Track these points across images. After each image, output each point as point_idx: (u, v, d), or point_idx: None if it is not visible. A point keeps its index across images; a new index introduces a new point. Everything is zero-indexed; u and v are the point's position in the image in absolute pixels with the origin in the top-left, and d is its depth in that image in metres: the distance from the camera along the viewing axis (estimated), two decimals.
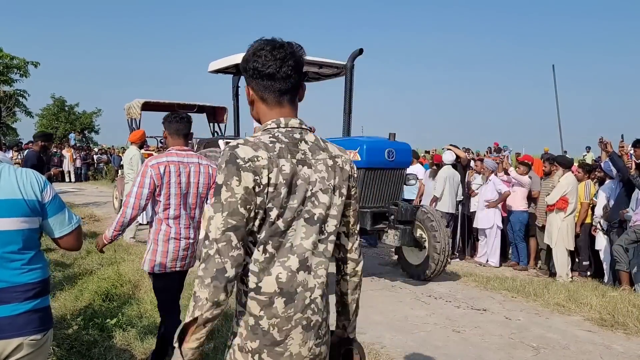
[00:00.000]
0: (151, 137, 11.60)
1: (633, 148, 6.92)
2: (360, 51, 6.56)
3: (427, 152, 15.89)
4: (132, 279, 5.59)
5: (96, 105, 64.03)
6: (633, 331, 4.71)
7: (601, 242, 6.98)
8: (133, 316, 4.56)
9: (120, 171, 12.13)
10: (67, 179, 23.20)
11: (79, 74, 78.41)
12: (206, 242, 1.41)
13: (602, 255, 6.99)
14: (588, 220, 7.25)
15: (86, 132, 33.60)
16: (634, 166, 6.42)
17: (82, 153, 25.07)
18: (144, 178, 3.09)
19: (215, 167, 3.31)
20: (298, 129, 1.56)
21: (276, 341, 1.47)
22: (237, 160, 1.43)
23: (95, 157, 25.63)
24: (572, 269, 7.30)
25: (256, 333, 1.48)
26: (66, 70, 75.66)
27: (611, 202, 6.81)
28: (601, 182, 7.47)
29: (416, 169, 9.10)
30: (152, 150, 10.84)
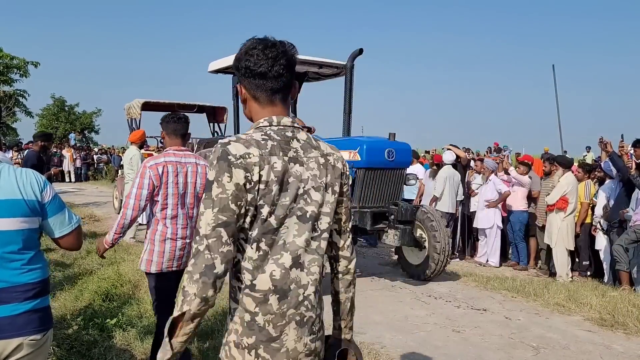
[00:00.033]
0: (151, 137, 11.60)
1: (633, 148, 6.92)
2: (360, 51, 6.56)
3: (427, 152, 15.89)
4: (132, 279, 5.59)
5: (96, 105, 64.20)
6: (633, 331, 4.71)
7: (601, 242, 6.98)
8: (133, 316, 4.56)
9: (120, 171, 12.13)
10: (67, 179, 23.22)
11: (79, 74, 78.62)
12: (196, 238, 1.42)
13: (602, 255, 6.99)
14: (588, 220, 7.25)
15: (86, 132, 33.61)
16: (634, 166, 6.43)
17: (82, 153, 25.09)
18: (143, 179, 3.10)
19: None
20: (290, 127, 1.56)
21: (272, 337, 1.48)
22: (229, 156, 1.43)
23: (95, 157, 25.65)
24: (572, 269, 7.30)
25: (252, 329, 1.49)
26: (66, 70, 75.84)
27: (611, 202, 6.81)
28: (601, 182, 7.47)
29: (416, 169, 9.10)
30: (152, 150, 10.83)
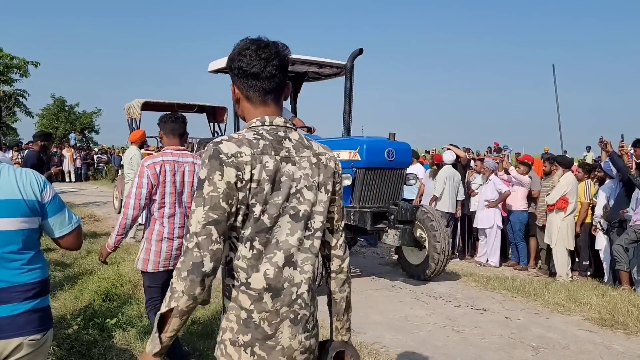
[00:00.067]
0: (151, 137, 11.58)
1: (633, 148, 6.92)
2: (360, 51, 6.57)
3: (427, 152, 15.89)
4: (132, 279, 5.59)
5: (96, 105, 63.91)
6: (633, 331, 4.71)
7: (601, 242, 6.98)
8: (133, 316, 4.56)
9: (120, 171, 12.14)
10: (67, 179, 23.23)
11: (79, 74, 78.36)
12: (187, 236, 1.43)
13: (602, 255, 6.99)
14: (588, 220, 7.25)
15: (86, 132, 33.62)
16: (634, 166, 6.42)
17: (82, 153, 25.11)
18: (141, 178, 3.14)
19: None
20: (282, 127, 1.57)
21: (267, 335, 1.49)
22: (221, 155, 1.44)
23: (95, 157, 25.67)
24: (572, 269, 7.30)
25: (248, 327, 1.49)
26: (66, 70, 75.61)
27: (611, 202, 6.81)
28: (601, 182, 7.47)
29: (416, 169, 9.10)
30: (152, 150, 10.81)
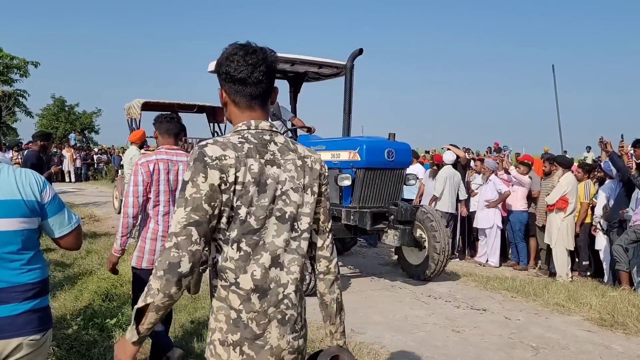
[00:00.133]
0: (151, 137, 11.56)
1: (633, 148, 6.92)
2: (360, 51, 6.57)
3: (427, 152, 15.88)
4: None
5: (96, 105, 63.99)
6: (633, 331, 4.71)
7: (601, 242, 6.98)
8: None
9: (120, 171, 12.14)
10: (67, 179, 23.24)
11: (79, 74, 78.16)
12: (167, 236, 1.45)
13: (602, 255, 6.99)
14: (588, 220, 7.25)
15: (86, 132, 33.61)
16: (634, 166, 6.42)
17: (82, 153, 25.11)
18: (136, 176, 3.23)
19: None
20: (268, 131, 1.60)
21: (256, 334, 1.51)
22: (205, 158, 1.47)
23: (95, 157, 25.67)
24: (572, 269, 7.30)
25: (238, 326, 1.51)
26: (66, 70, 75.46)
27: (611, 202, 6.81)
28: (601, 182, 7.47)
29: (416, 169, 9.10)
30: (152, 150, 10.82)
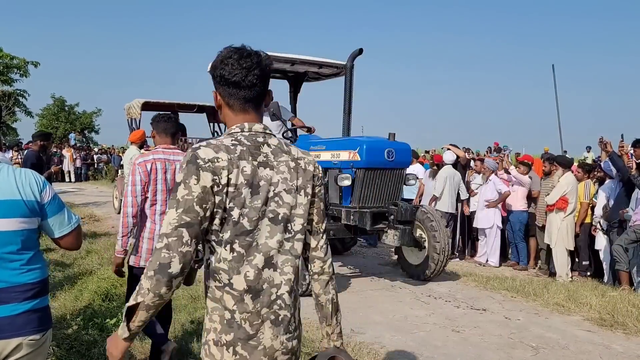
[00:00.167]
0: (151, 137, 11.61)
1: (633, 148, 6.92)
2: (360, 51, 6.57)
3: (427, 152, 15.87)
4: None
5: (96, 105, 63.80)
6: (632, 331, 4.71)
7: (601, 242, 6.98)
8: None
9: (120, 171, 12.13)
10: (67, 179, 23.24)
11: (79, 74, 78.11)
12: (158, 237, 1.47)
13: (602, 255, 6.99)
14: (588, 220, 7.25)
15: (86, 132, 33.61)
16: (634, 166, 6.42)
17: (82, 153, 25.10)
18: (134, 176, 3.25)
19: None
20: (262, 134, 1.62)
21: (249, 335, 1.53)
22: (198, 160, 1.49)
23: (95, 157, 25.67)
24: (572, 269, 7.30)
25: (231, 326, 1.53)
26: (66, 70, 75.43)
27: (611, 202, 6.81)
28: (601, 182, 7.47)
29: (416, 169, 9.10)
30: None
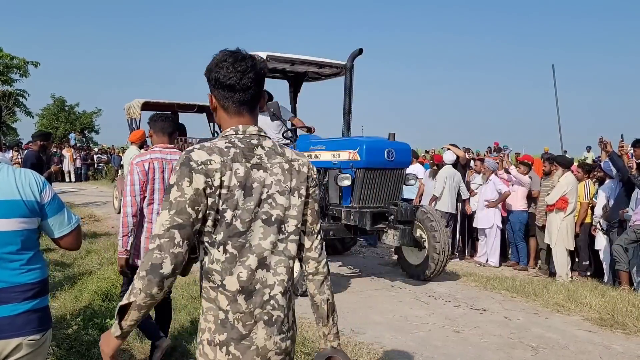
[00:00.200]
0: (151, 137, 11.60)
1: (633, 148, 6.92)
2: (360, 51, 6.57)
3: (427, 152, 15.87)
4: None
5: (96, 105, 63.83)
6: (632, 331, 4.71)
7: (601, 242, 6.98)
8: None
9: (120, 171, 12.15)
10: (67, 179, 23.23)
11: (79, 74, 78.15)
12: (150, 238, 1.49)
13: (602, 255, 6.99)
14: (588, 220, 7.25)
15: (86, 132, 33.61)
16: (634, 166, 6.42)
17: (82, 153, 25.10)
18: (132, 176, 3.27)
19: None
20: (256, 136, 1.63)
21: (242, 335, 1.54)
22: (191, 162, 1.51)
23: (95, 157, 25.67)
24: (572, 269, 7.30)
25: (225, 327, 1.54)
26: (66, 70, 75.45)
27: (611, 202, 6.81)
28: (601, 182, 7.47)
29: (416, 169, 9.10)
30: None
